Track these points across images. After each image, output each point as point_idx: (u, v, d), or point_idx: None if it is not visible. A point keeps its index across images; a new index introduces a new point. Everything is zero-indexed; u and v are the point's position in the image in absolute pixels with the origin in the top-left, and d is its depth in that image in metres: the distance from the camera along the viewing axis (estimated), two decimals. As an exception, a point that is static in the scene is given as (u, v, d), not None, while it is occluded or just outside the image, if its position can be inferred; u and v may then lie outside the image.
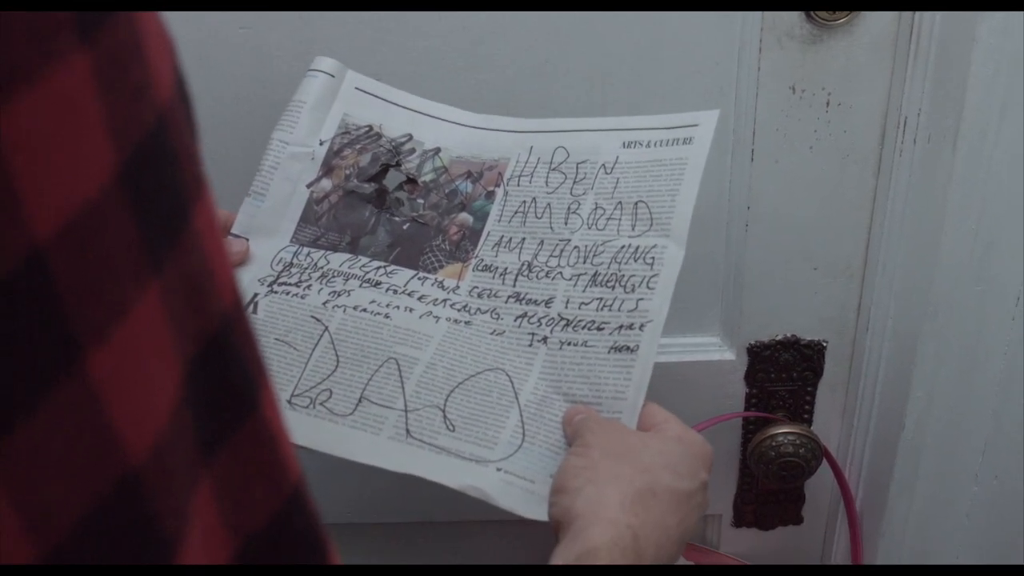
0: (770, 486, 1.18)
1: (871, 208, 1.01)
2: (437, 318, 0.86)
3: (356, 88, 0.93)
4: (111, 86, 0.28)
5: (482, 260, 0.88)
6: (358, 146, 0.92)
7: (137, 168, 0.29)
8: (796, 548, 1.24)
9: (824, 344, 1.09)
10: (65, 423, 0.27)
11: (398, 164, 0.92)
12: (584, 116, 0.95)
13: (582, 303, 0.84)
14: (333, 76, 0.92)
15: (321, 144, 0.92)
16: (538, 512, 0.75)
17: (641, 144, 0.87)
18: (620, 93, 0.97)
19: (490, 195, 0.90)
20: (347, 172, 0.92)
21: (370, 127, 0.93)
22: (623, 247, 0.84)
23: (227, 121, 0.98)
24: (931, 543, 1.10)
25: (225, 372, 0.34)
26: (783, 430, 1.10)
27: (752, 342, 1.09)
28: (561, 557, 0.66)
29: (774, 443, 1.10)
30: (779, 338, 1.09)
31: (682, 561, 1.15)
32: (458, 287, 0.88)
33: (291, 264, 0.89)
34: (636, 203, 0.85)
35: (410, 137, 0.93)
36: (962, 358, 0.99)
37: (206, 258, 0.33)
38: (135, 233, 0.29)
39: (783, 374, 1.10)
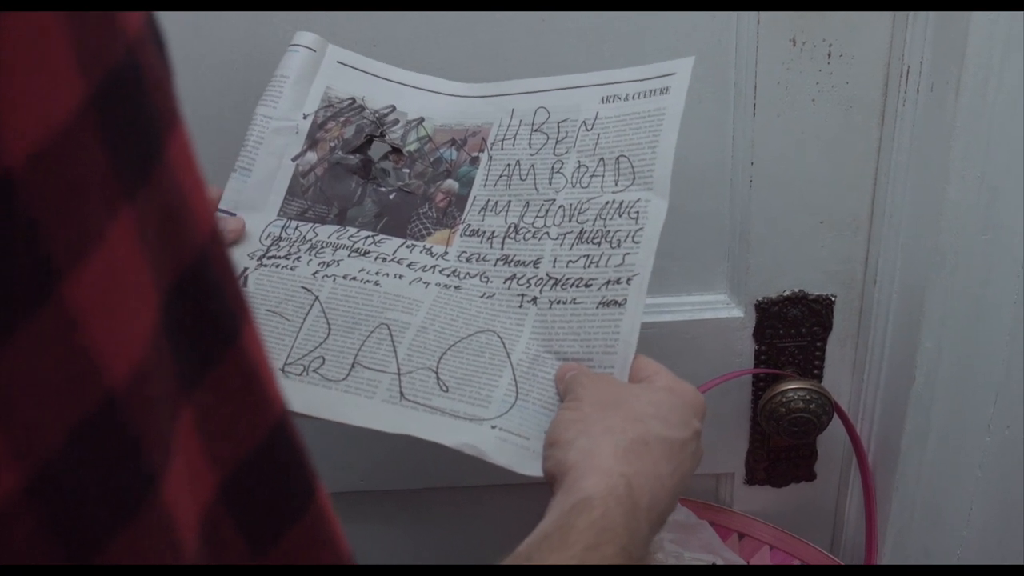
0: (782, 443, 1.17)
1: (876, 159, 1.01)
2: (427, 283, 0.86)
3: (338, 62, 0.94)
4: (77, 15, 0.28)
5: (469, 225, 0.89)
6: (342, 119, 0.93)
7: (107, 97, 0.29)
8: (810, 504, 1.24)
9: (832, 298, 1.09)
10: (44, 347, 0.28)
11: (382, 135, 0.92)
12: (581, 72, 0.95)
13: (569, 261, 0.84)
14: (314, 51, 0.93)
15: (305, 118, 0.92)
16: (533, 467, 0.76)
17: (620, 98, 0.88)
18: (617, 49, 0.96)
19: (475, 161, 0.91)
20: (332, 144, 0.92)
21: (353, 99, 0.93)
22: (607, 203, 0.85)
23: (220, 87, 0.98)
24: (944, 496, 1.10)
25: (204, 303, 0.35)
26: (793, 386, 1.10)
27: (760, 298, 1.09)
28: (557, 508, 0.67)
29: (784, 399, 1.10)
30: (787, 294, 1.08)
31: (694, 520, 1.15)
32: (447, 253, 0.88)
33: (280, 238, 0.90)
34: (618, 158, 0.85)
35: (393, 108, 0.93)
36: (970, 308, 0.98)
37: (181, 189, 0.33)
38: (106, 161, 0.29)
39: (792, 330, 1.10)
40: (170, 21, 0.95)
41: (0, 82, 0.26)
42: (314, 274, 0.87)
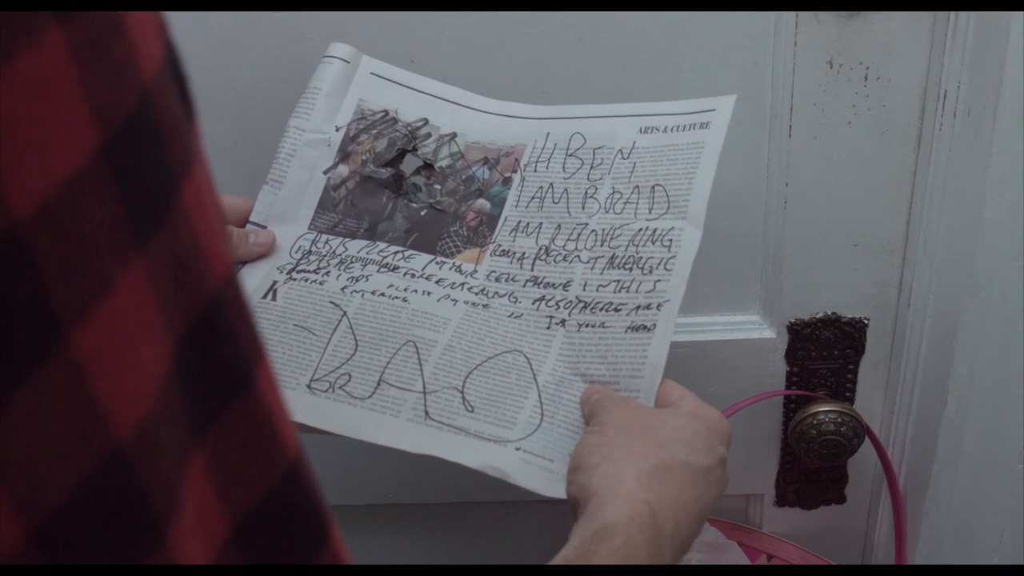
0: (812, 465, 1.17)
1: (911, 183, 1.00)
2: (455, 301, 0.86)
3: (371, 73, 0.94)
4: (89, 64, 0.28)
5: (499, 245, 0.89)
6: (374, 131, 0.93)
7: (119, 146, 0.29)
8: (839, 527, 1.24)
9: (866, 321, 1.08)
10: (49, 401, 0.27)
11: (414, 149, 0.92)
12: (618, 92, 0.96)
13: (600, 285, 0.84)
14: (348, 62, 0.93)
15: (337, 130, 0.92)
16: (557, 490, 0.76)
17: (658, 129, 0.88)
18: (654, 69, 0.96)
19: (507, 181, 0.91)
20: (363, 158, 0.92)
21: (386, 112, 0.93)
22: (640, 230, 0.85)
23: (263, 103, 0.99)
24: (975, 522, 1.09)
25: (217, 349, 0.34)
26: (824, 408, 1.09)
27: (792, 320, 1.09)
28: (579, 534, 0.67)
29: (815, 421, 1.09)
30: (820, 316, 1.08)
31: (723, 540, 1.14)
32: (476, 271, 0.88)
33: (310, 252, 0.90)
34: (653, 187, 0.86)
35: (426, 122, 0.93)
36: (1004, 334, 0.97)
37: (195, 236, 0.33)
38: (118, 211, 0.29)
39: (824, 352, 1.10)
40: (208, 34, 0.96)
41: (10, 134, 0.26)
42: (343, 289, 0.87)
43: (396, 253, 0.90)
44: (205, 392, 0.34)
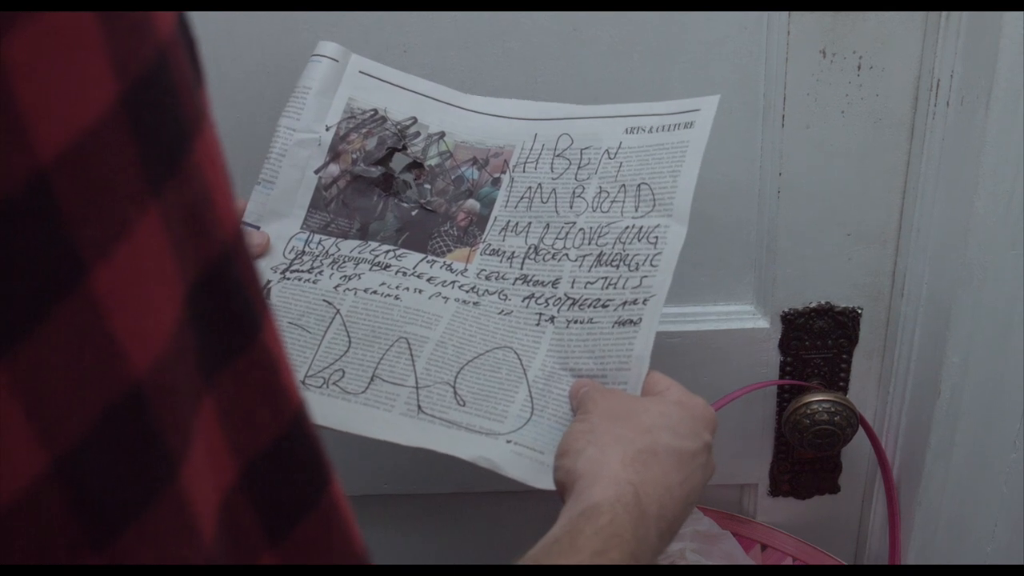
0: (806, 455, 1.17)
1: (905, 172, 1.00)
2: (446, 299, 0.88)
3: (360, 72, 0.94)
4: (111, 17, 0.29)
5: (489, 244, 0.90)
6: (364, 130, 0.93)
7: (138, 97, 0.30)
8: (833, 517, 1.24)
9: (859, 311, 1.08)
10: (71, 336, 0.29)
11: (404, 148, 0.93)
12: (612, 83, 0.96)
13: (587, 282, 0.85)
14: (337, 61, 0.93)
15: (327, 130, 0.93)
16: (547, 482, 0.77)
17: (643, 129, 0.89)
18: (648, 59, 0.96)
19: (496, 182, 0.92)
20: (354, 156, 0.93)
21: (375, 111, 0.94)
22: (627, 228, 0.86)
23: (256, 94, 0.99)
24: (968, 511, 1.10)
25: (226, 297, 0.36)
26: (818, 398, 1.10)
27: (786, 310, 1.09)
28: (566, 515, 0.68)
29: (809, 411, 1.09)
30: (813, 305, 1.08)
31: (717, 530, 1.15)
32: (466, 270, 0.90)
33: (303, 252, 0.91)
34: (639, 185, 0.87)
35: (415, 120, 0.94)
36: (998, 323, 0.97)
37: (206, 188, 0.34)
38: (136, 158, 0.30)
39: (818, 341, 1.10)
40: (202, 24, 0.96)
41: (33, 82, 0.27)
42: (336, 287, 0.88)
43: (388, 252, 0.91)
44: (216, 338, 0.36)
